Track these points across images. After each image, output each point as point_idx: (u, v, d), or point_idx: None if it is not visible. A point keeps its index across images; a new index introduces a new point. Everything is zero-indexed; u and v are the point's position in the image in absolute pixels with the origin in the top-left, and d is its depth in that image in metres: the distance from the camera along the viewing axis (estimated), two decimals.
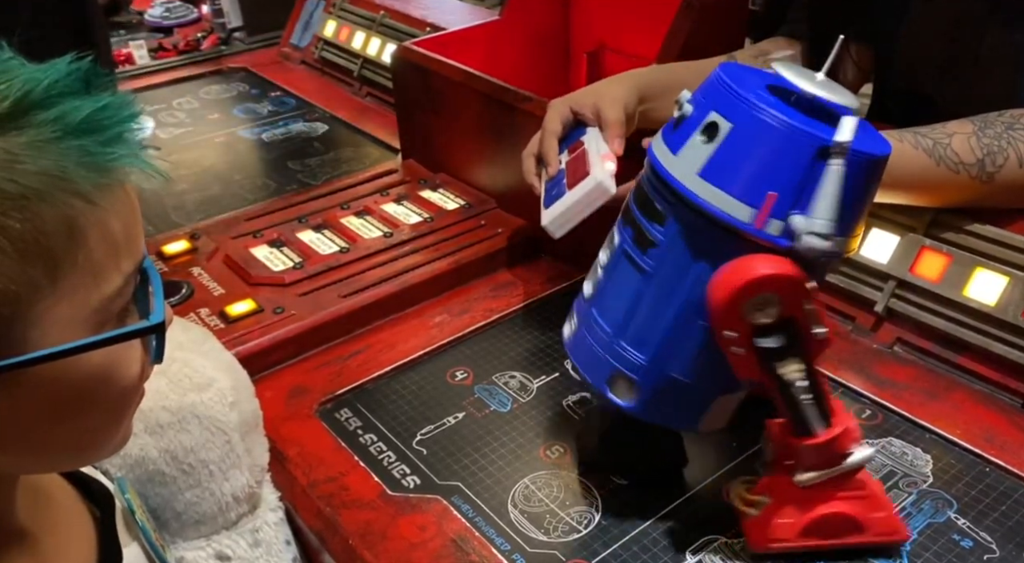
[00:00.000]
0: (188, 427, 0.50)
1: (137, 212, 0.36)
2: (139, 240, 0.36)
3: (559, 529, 0.58)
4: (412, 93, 0.99)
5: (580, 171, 0.70)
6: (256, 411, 0.56)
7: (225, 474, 0.51)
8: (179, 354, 0.52)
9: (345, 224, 0.89)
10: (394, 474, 0.63)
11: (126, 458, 0.49)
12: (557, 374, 0.73)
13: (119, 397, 0.37)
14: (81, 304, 0.33)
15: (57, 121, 0.32)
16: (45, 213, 0.31)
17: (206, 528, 0.51)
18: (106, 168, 0.33)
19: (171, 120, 1.25)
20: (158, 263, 0.83)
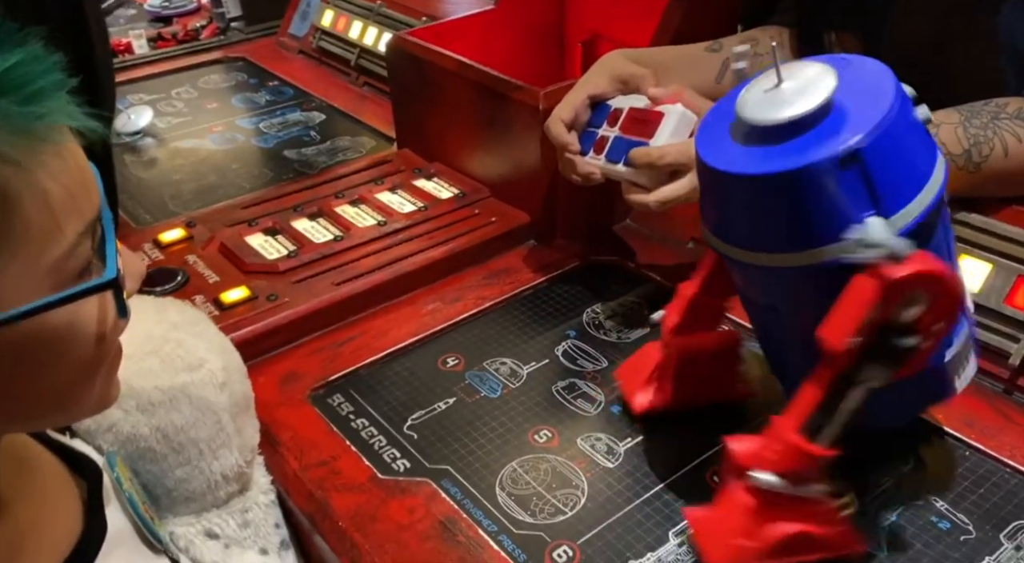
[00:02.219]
0: (179, 406, 0.51)
1: (79, 171, 0.35)
2: (85, 200, 0.35)
3: (545, 511, 0.59)
4: (407, 82, 1.00)
5: (645, 121, 0.72)
6: (247, 393, 0.57)
7: (215, 453, 0.52)
8: (173, 334, 0.53)
9: (340, 213, 0.90)
10: (385, 458, 0.64)
11: (118, 434, 0.50)
12: (547, 360, 0.74)
13: (87, 352, 0.37)
14: (31, 267, 0.33)
15: None
16: None
17: (196, 505, 0.52)
18: (27, 129, 0.32)
19: (170, 109, 1.25)
20: (154, 251, 0.84)
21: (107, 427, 0.49)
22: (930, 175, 0.49)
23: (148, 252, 0.84)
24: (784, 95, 0.49)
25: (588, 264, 0.87)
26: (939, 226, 0.52)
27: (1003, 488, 0.59)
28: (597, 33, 1.14)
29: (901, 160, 0.48)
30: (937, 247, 0.51)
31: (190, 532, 0.51)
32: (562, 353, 0.75)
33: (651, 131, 0.72)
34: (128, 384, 0.50)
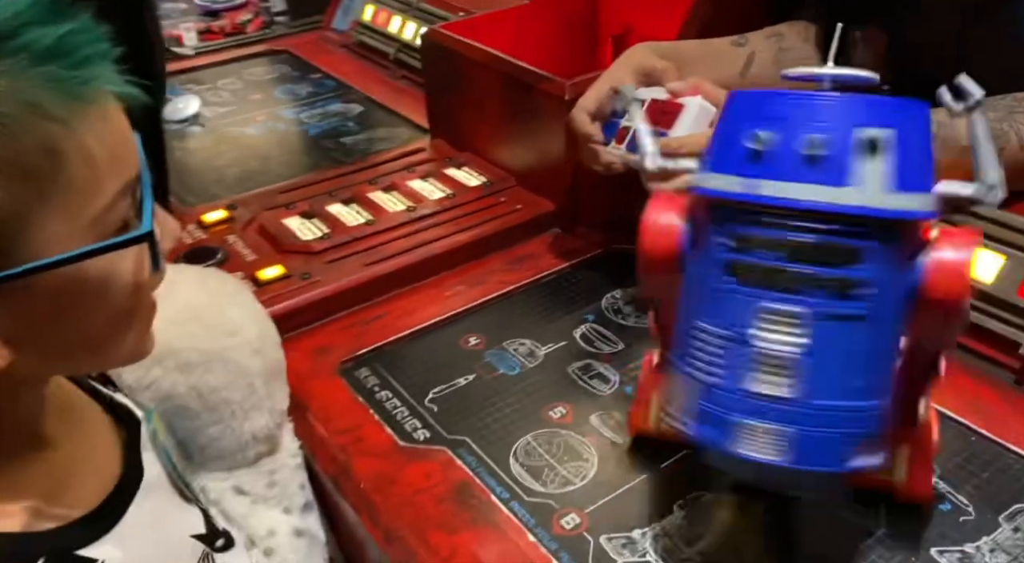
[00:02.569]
0: (215, 368, 0.55)
1: (121, 134, 0.38)
2: (125, 161, 0.39)
3: (555, 481, 0.62)
4: (440, 74, 1.03)
5: (665, 112, 0.74)
6: (280, 360, 0.61)
7: (246, 414, 0.56)
8: (215, 302, 0.57)
9: (372, 198, 0.93)
10: (406, 427, 0.68)
11: (157, 391, 0.54)
12: (565, 342, 0.77)
13: (123, 301, 0.40)
14: (73, 220, 0.36)
15: (24, 49, 0.34)
16: (22, 137, 0.34)
17: (227, 463, 0.56)
18: (76, 92, 0.35)
19: (216, 100, 1.31)
20: (197, 231, 0.89)
21: (147, 384, 0.54)
22: None
23: (191, 232, 0.89)
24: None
25: (610, 252, 0.90)
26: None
27: (1007, 473, 0.60)
28: (629, 27, 1.16)
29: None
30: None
31: (220, 487, 0.55)
32: (580, 335, 0.78)
33: (671, 122, 0.74)
34: (169, 345, 0.54)
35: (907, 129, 0.46)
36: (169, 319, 0.55)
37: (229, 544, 0.54)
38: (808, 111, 0.46)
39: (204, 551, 0.51)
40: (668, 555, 0.56)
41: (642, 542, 0.57)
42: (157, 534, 0.49)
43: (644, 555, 0.56)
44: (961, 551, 0.55)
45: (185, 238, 0.87)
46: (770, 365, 0.46)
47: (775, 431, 0.46)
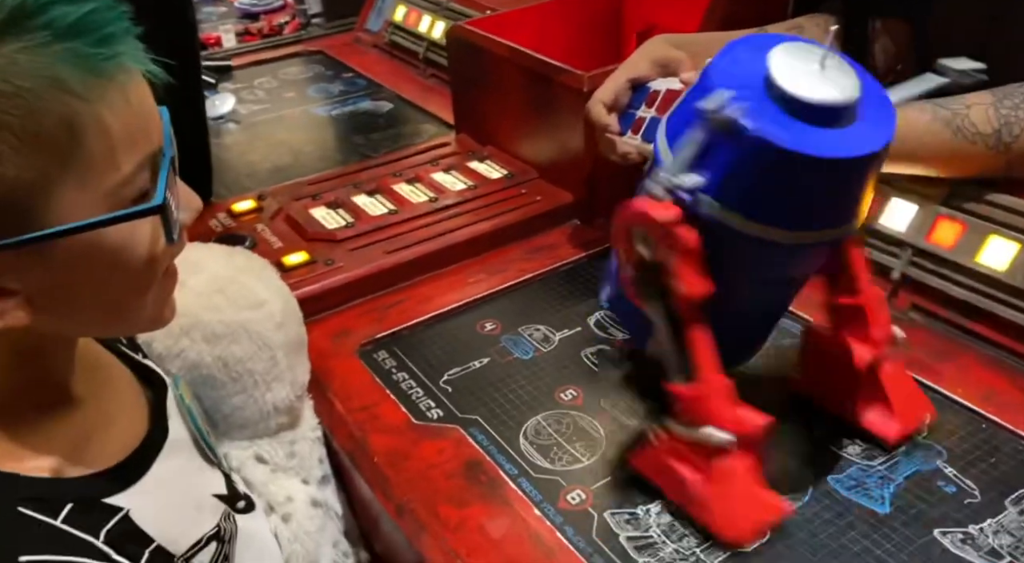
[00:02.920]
0: (239, 340, 0.57)
1: (141, 112, 0.40)
2: (143, 137, 0.40)
3: (563, 459, 0.64)
4: (464, 70, 1.06)
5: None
6: (301, 335, 0.64)
7: (268, 385, 0.59)
8: (239, 277, 0.60)
9: (396, 190, 0.96)
10: (420, 407, 0.70)
11: (185, 361, 0.57)
12: (579, 328, 0.78)
13: (139, 270, 0.43)
14: (89, 190, 0.39)
15: (48, 26, 0.36)
16: (42, 110, 0.36)
17: (249, 432, 0.59)
18: (96, 67, 0.37)
19: (251, 98, 1.35)
20: (227, 219, 0.92)
21: (176, 353, 0.57)
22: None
23: (222, 220, 0.92)
24: (834, 77, 0.51)
25: None
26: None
27: (1016, 458, 0.60)
28: (653, 23, 1.17)
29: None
30: None
31: (242, 455, 0.58)
32: (594, 322, 0.79)
33: None
34: (197, 317, 0.57)
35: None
36: (196, 292, 0.58)
37: (250, 507, 0.57)
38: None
39: (225, 510, 0.54)
40: (670, 531, 0.57)
41: (645, 518, 0.58)
42: (180, 490, 0.52)
43: (647, 530, 0.57)
44: (964, 532, 0.55)
45: (215, 226, 0.91)
46: None
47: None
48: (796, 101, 0.50)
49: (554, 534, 0.57)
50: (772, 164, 0.50)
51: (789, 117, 0.51)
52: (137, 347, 0.58)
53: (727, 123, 0.50)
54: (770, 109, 0.51)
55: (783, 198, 0.52)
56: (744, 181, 0.51)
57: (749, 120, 0.49)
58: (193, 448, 0.54)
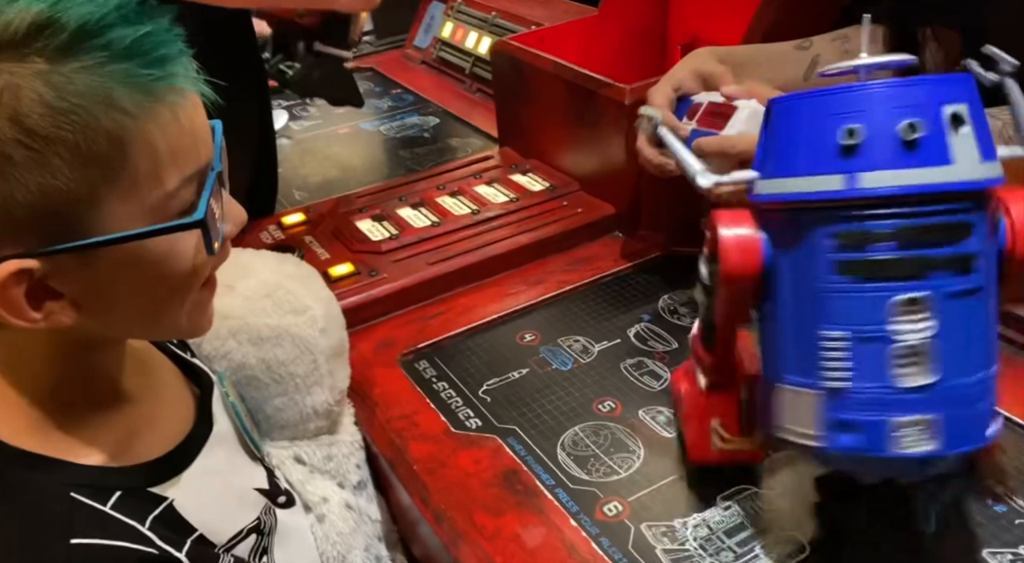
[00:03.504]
0: (283, 343, 0.59)
1: (190, 131, 0.42)
2: (190, 155, 0.42)
3: (600, 471, 0.64)
4: (508, 84, 1.07)
5: (719, 114, 0.76)
6: (343, 341, 0.65)
7: (309, 389, 0.60)
8: (286, 283, 0.62)
9: (439, 202, 0.98)
10: (459, 416, 0.71)
11: (230, 362, 0.59)
12: (619, 340, 0.78)
13: (178, 280, 0.45)
14: (135, 203, 0.41)
15: (106, 47, 0.38)
16: (94, 126, 0.38)
17: (289, 433, 0.61)
18: (148, 87, 0.40)
19: (304, 114, 1.39)
20: (277, 232, 0.95)
21: (223, 354, 0.59)
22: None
23: (272, 233, 0.95)
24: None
25: (670, 255, 0.90)
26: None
27: None
28: (697, 36, 1.16)
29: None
30: None
31: (282, 454, 0.60)
32: (634, 334, 0.79)
33: (723, 123, 0.75)
34: (244, 320, 0.59)
35: (974, 100, 0.46)
36: (245, 296, 0.60)
37: (290, 503, 0.59)
38: (892, 98, 0.45)
39: (266, 504, 0.56)
40: (707, 544, 0.57)
41: (682, 531, 0.58)
42: (223, 482, 0.53)
43: (683, 543, 0.57)
44: (1014, 553, 0.53)
45: (265, 238, 0.94)
46: (908, 356, 0.45)
47: (925, 422, 0.45)
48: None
49: (590, 545, 0.57)
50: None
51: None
52: (186, 346, 0.60)
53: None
54: None
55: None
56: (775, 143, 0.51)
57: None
58: (237, 443, 0.56)
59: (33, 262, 0.40)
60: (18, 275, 0.40)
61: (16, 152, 0.38)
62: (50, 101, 0.38)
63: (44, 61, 0.38)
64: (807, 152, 0.47)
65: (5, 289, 0.40)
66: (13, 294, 0.40)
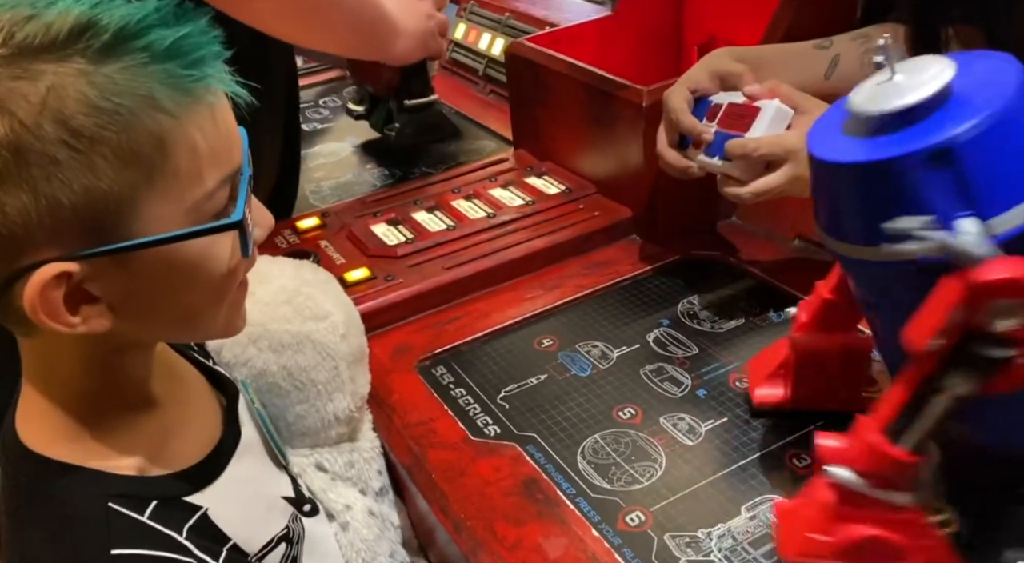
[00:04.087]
0: (304, 350, 0.59)
1: (225, 132, 0.42)
2: (226, 156, 0.43)
3: (622, 479, 0.63)
4: (523, 86, 1.06)
5: (741, 115, 0.74)
6: (363, 347, 0.65)
7: (330, 395, 0.60)
8: (306, 289, 0.62)
9: (455, 206, 0.97)
10: (477, 423, 0.70)
11: (251, 369, 0.59)
12: (638, 346, 0.77)
13: (215, 282, 0.44)
14: (174, 204, 0.41)
15: (146, 49, 0.39)
16: (137, 127, 0.38)
17: (310, 440, 0.60)
18: (188, 88, 0.40)
19: (316, 116, 1.39)
20: (292, 236, 0.95)
21: (244, 361, 0.59)
22: None
23: (287, 237, 0.95)
24: (895, 86, 0.47)
25: (688, 259, 0.89)
26: None
27: None
28: (713, 37, 1.15)
29: (1011, 159, 0.44)
30: None
31: (303, 462, 0.59)
32: (653, 339, 0.78)
33: (747, 125, 0.74)
34: (264, 327, 0.59)
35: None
36: (264, 302, 0.60)
37: (314, 511, 0.58)
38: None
39: (293, 513, 0.55)
40: (732, 555, 0.56)
41: (706, 542, 0.57)
42: (252, 491, 0.53)
43: (708, 555, 0.56)
44: None
45: (281, 243, 0.93)
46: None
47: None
48: (850, 114, 0.49)
49: (612, 556, 0.57)
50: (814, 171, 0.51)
51: (845, 131, 0.50)
52: (207, 354, 0.60)
53: None
54: (836, 128, 0.50)
55: (830, 207, 0.51)
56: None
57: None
58: (264, 451, 0.56)
59: (73, 265, 0.40)
60: (58, 278, 0.39)
61: (61, 153, 0.37)
62: (94, 101, 0.38)
63: (87, 62, 0.38)
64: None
65: (45, 293, 0.39)
66: (52, 298, 0.40)
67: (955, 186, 0.44)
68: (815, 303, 0.63)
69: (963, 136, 0.43)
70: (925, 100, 0.46)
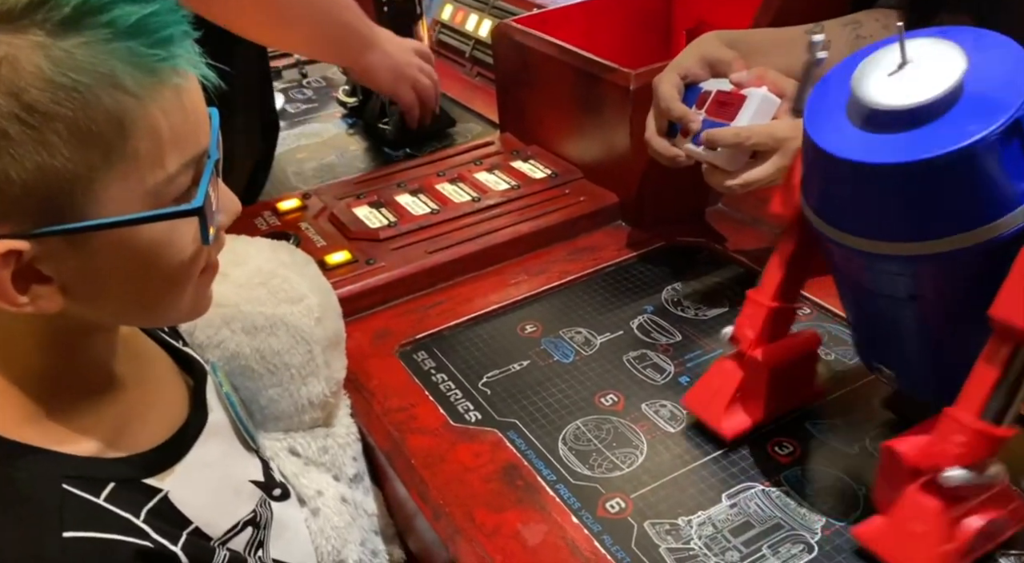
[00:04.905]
0: (277, 332, 0.58)
1: (190, 114, 0.41)
2: (191, 139, 0.41)
3: (603, 466, 0.62)
4: (509, 68, 1.05)
5: (728, 104, 0.73)
6: (339, 331, 0.64)
7: (304, 380, 0.59)
8: (281, 271, 0.61)
9: (439, 189, 0.96)
10: (458, 409, 0.69)
11: (224, 351, 0.58)
12: (621, 332, 0.77)
13: (174, 268, 0.43)
14: (134, 187, 0.39)
15: (109, 25, 0.37)
16: (95, 105, 0.37)
17: (283, 424, 0.59)
18: (153, 68, 0.38)
19: (300, 97, 1.37)
20: (272, 218, 0.93)
21: (216, 343, 0.57)
22: None
23: (267, 218, 0.93)
24: (912, 77, 0.47)
25: (674, 245, 0.89)
26: None
27: None
28: (702, 20, 1.14)
29: None
30: None
31: (276, 446, 0.58)
32: (637, 326, 0.77)
33: (733, 113, 0.73)
34: (238, 308, 0.58)
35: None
36: (239, 283, 0.59)
37: (285, 495, 0.57)
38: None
39: (261, 497, 0.54)
40: (712, 543, 0.55)
41: (687, 529, 0.57)
42: (218, 474, 0.52)
43: (688, 542, 0.56)
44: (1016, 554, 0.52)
45: (260, 224, 0.92)
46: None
47: None
48: (864, 106, 0.48)
49: (592, 543, 0.56)
50: (815, 161, 0.50)
51: (851, 121, 0.49)
52: (178, 335, 0.59)
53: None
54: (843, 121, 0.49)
55: (835, 199, 0.51)
56: (808, 178, 0.52)
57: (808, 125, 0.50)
58: (232, 434, 0.55)
59: (23, 243, 0.38)
60: (5, 257, 0.38)
61: (12, 127, 0.36)
62: (50, 76, 0.36)
63: (45, 35, 0.36)
64: None
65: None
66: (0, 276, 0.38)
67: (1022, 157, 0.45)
68: (759, 315, 0.60)
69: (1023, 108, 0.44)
70: (952, 89, 0.46)
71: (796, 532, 0.55)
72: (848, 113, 0.50)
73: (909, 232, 0.48)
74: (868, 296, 0.56)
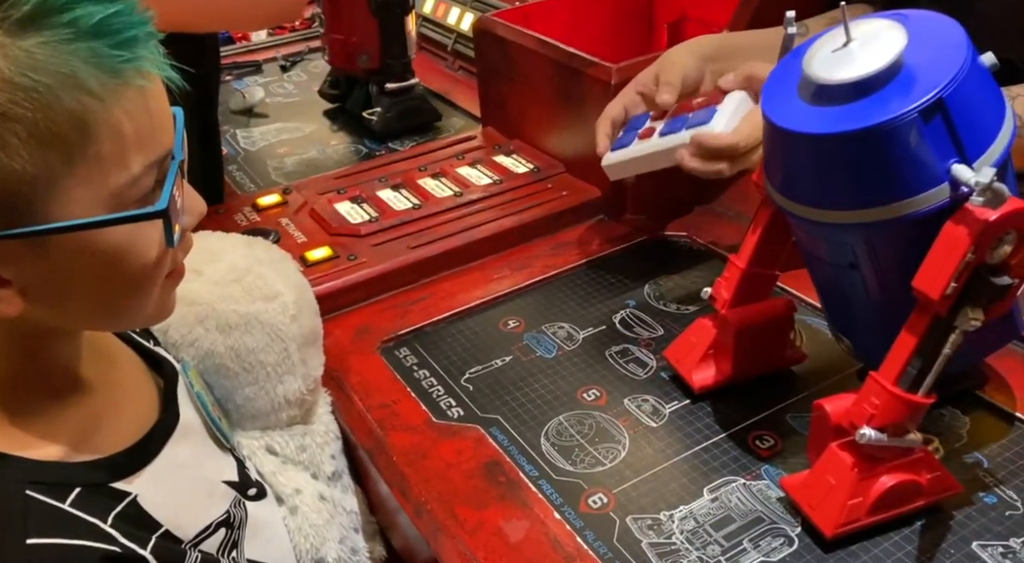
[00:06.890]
0: (252, 330, 0.57)
1: (155, 115, 0.40)
2: (155, 141, 0.40)
3: (585, 461, 0.62)
4: (492, 62, 1.04)
5: (698, 105, 0.75)
6: (316, 328, 0.63)
7: (280, 378, 0.58)
8: (256, 267, 0.60)
9: (421, 184, 0.95)
10: (441, 405, 0.69)
11: (198, 349, 0.57)
12: (604, 327, 0.77)
13: (138, 271, 0.42)
14: (96, 189, 0.39)
15: (71, 24, 0.36)
16: (56, 106, 0.36)
17: (260, 423, 0.59)
18: (115, 69, 0.37)
19: (281, 91, 1.35)
20: (252, 214, 0.92)
21: (190, 342, 0.57)
22: (1002, 120, 0.50)
23: (247, 214, 0.92)
24: (854, 54, 0.50)
25: (656, 239, 0.89)
26: (1009, 169, 0.52)
27: None
28: (683, 14, 1.14)
29: (978, 107, 0.49)
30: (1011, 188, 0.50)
31: (253, 445, 0.58)
32: (619, 320, 0.77)
33: (706, 104, 0.73)
34: (212, 306, 0.57)
35: None
36: (213, 281, 0.58)
37: (261, 495, 0.57)
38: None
39: (236, 497, 0.54)
40: (694, 537, 0.55)
41: (668, 524, 0.57)
42: (190, 476, 0.51)
43: (670, 536, 0.56)
44: (1004, 546, 0.52)
45: (240, 220, 0.91)
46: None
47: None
48: (810, 81, 0.51)
49: (574, 538, 0.56)
50: (766, 132, 0.54)
51: (807, 99, 0.51)
52: (149, 334, 0.58)
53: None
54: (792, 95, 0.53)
55: (779, 166, 0.54)
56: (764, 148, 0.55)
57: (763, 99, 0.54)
58: (204, 434, 0.54)
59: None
60: None
61: None
62: (8, 76, 0.35)
63: (2, 34, 0.36)
64: None
65: None
66: None
67: (946, 136, 0.48)
68: (733, 278, 0.64)
69: (949, 88, 0.47)
70: (890, 65, 0.48)
71: (777, 525, 0.56)
72: (799, 89, 0.53)
73: (839, 201, 0.51)
74: (818, 264, 0.60)
